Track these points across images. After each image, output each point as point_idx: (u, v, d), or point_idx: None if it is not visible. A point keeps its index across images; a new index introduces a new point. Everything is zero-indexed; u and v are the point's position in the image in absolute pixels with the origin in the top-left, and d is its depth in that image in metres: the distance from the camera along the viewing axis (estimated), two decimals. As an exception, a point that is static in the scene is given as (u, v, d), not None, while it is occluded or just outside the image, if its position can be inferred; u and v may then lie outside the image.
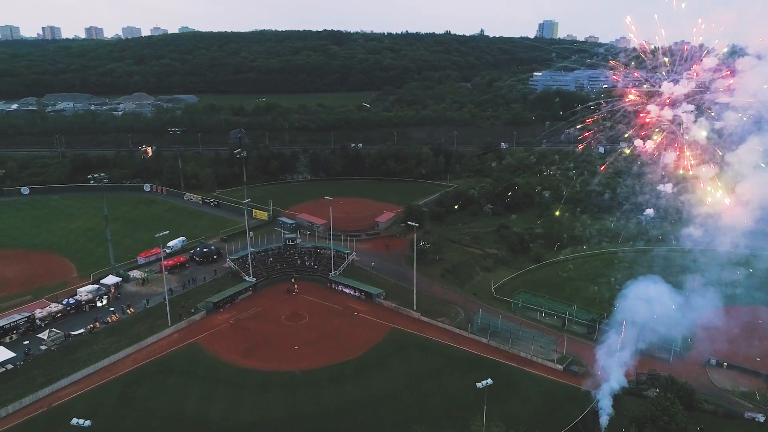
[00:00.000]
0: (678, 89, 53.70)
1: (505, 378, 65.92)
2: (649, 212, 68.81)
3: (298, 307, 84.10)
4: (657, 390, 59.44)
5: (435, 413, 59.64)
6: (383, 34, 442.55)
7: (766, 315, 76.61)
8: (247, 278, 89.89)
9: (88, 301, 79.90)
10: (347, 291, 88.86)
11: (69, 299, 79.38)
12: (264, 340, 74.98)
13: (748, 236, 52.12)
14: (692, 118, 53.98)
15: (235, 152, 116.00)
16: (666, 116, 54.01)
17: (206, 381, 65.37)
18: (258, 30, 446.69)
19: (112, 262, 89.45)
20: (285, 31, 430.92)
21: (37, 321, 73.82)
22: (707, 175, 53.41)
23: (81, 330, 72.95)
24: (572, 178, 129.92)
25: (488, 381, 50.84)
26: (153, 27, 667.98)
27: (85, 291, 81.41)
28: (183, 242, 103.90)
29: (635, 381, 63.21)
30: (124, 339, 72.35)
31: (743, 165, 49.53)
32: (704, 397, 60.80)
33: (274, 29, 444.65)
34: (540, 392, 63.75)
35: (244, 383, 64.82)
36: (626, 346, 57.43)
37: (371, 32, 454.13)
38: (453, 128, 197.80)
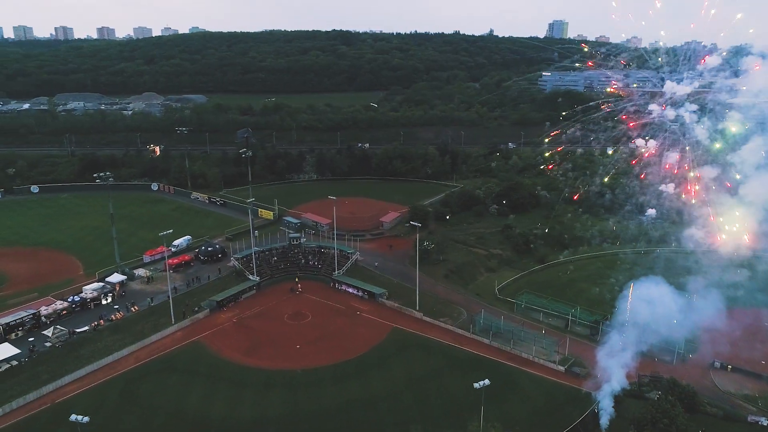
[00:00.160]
0: (681, 89, 53.28)
1: (507, 379, 65.92)
2: (651, 213, 68.17)
3: (301, 307, 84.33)
4: (659, 392, 58.96)
5: (435, 413, 59.60)
6: (392, 34, 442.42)
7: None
8: (251, 277, 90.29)
9: (93, 299, 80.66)
10: (350, 290, 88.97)
11: (74, 297, 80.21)
12: (266, 339, 75.24)
13: (751, 237, 51.53)
14: (695, 118, 53.49)
15: (240, 152, 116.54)
16: (668, 116, 53.62)
17: (208, 379, 65.75)
18: (267, 30, 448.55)
19: (118, 261, 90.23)
20: (294, 31, 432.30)
21: (43, 318, 74.63)
22: (710, 175, 52.85)
23: (85, 327, 73.66)
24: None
25: (485, 381, 50.67)
26: (164, 27, 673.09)
27: (91, 289, 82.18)
28: (188, 241, 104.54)
29: (637, 383, 62.81)
30: (128, 336, 72.91)
31: (746, 165, 49.04)
32: (707, 400, 60.24)
33: (284, 29, 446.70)
34: (541, 393, 63.47)
35: (246, 381, 65.13)
36: (628, 347, 56.97)
37: (380, 32, 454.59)
38: (460, 128, 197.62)
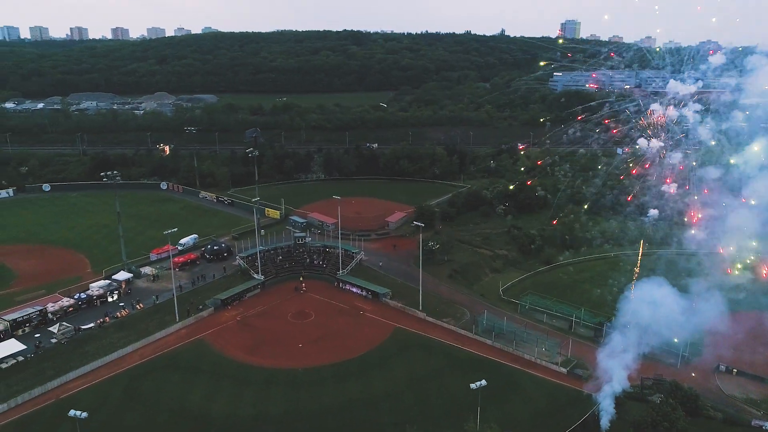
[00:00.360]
0: (684, 88, 52.71)
1: (508, 380, 65.79)
2: (654, 213, 67.59)
3: (305, 306, 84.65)
4: (661, 395, 58.41)
5: (434, 413, 59.59)
6: (403, 35, 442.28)
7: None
8: (256, 276, 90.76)
9: (100, 296, 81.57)
10: (354, 290, 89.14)
11: (80, 294, 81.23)
12: (270, 338, 75.65)
13: (754, 239, 50.88)
14: (698, 118, 52.86)
15: (247, 151, 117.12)
16: (671, 116, 53.04)
17: (211, 376, 66.26)
18: (279, 30, 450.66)
19: (124, 259, 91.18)
20: (305, 32, 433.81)
21: (49, 315, 75.65)
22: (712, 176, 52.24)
23: (91, 324, 74.55)
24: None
25: (482, 382, 50.48)
26: (177, 27, 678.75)
27: (97, 286, 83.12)
28: (195, 240, 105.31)
29: (640, 386, 62.32)
30: (133, 334, 73.69)
31: (749, 166, 48.41)
32: (710, 404, 59.58)
33: (295, 29, 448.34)
34: (542, 395, 63.19)
35: (248, 379, 65.56)
36: (629, 349, 56.51)
37: (391, 32, 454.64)
38: (469, 129, 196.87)
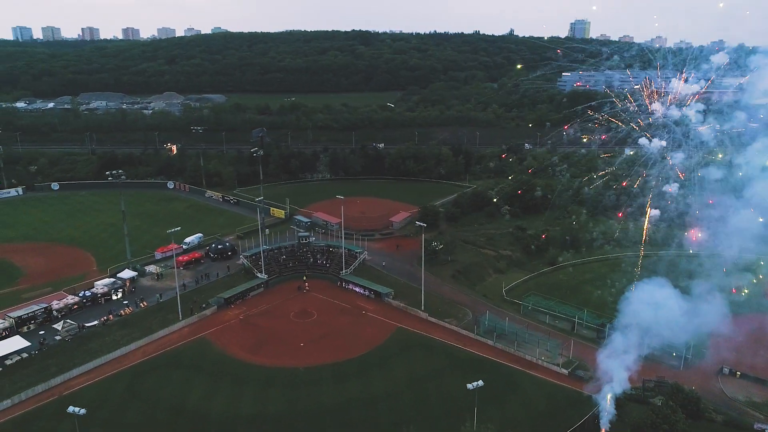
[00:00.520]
0: (686, 88, 52.29)
1: (508, 380, 65.64)
2: (655, 213, 67.14)
3: (308, 305, 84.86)
4: (663, 398, 57.97)
5: (433, 413, 59.54)
6: (411, 34, 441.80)
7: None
8: (259, 275, 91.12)
9: (104, 294, 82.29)
10: (357, 290, 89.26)
11: (85, 292, 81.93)
12: (271, 337, 75.91)
13: (756, 240, 50.39)
14: (701, 118, 52.42)
15: (252, 151, 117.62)
16: (673, 115, 52.64)
17: (211, 375, 66.58)
18: (287, 30, 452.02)
19: (129, 257, 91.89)
20: (313, 32, 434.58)
21: (54, 312, 76.40)
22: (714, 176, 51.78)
23: (95, 322, 75.22)
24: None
25: (479, 382, 50.35)
26: (187, 28, 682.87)
27: (102, 284, 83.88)
28: (200, 239, 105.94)
29: (642, 388, 61.90)
30: (136, 332, 74.24)
31: (752, 167, 47.94)
32: (713, 407, 59.12)
33: (304, 29, 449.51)
34: (542, 396, 62.94)
35: (248, 378, 65.82)
36: (630, 350, 56.11)
37: (399, 32, 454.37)
38: (476, 129, 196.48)
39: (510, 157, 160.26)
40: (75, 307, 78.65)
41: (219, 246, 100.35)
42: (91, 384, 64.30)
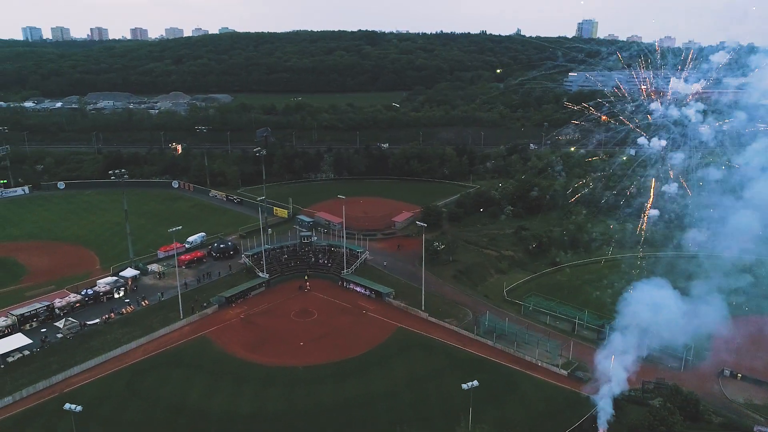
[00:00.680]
0: (685, 88, 51.92)
1: (508, 381, 65.55)
2: (654, 213, 66.64)
3: (308, 304, 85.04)
4: (662, 399, 57.59)
5: (432, 413, 59.55)
6: (417, 34, 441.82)
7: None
8: (261, 274, 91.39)
9: (106, 293, 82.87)
10: (358, 289, 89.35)
11: (87, 290, 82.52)
12: (272, 336, 76.16)
13: (756, 241, 49.98)
14: (700, 118, 52.01)
15: (255, 150, 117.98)
16: (672, 115, 52.27)
17: (211, 374, 66.89)
18: (294, 30, 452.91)
19: (131, 256, 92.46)
20: (319, 32, 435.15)
21: (56, 310, 77.04)
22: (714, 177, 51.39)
23: (96, 320, 75.78)
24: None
25: (474, 383, 50.26)
26: (194, 28, 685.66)
27: (104, 283, 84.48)
28: (203, 238, 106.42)
29: (641, 389, 61.56)
30: (137, 330, 74.71)
31: (751, 167, 47.51)
32: (712, 409, 58.69)
33: (310, 30, 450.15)
34: (541, 397, 62.78)
35: (247, 377, 66.08)
36: (629, 350, 55.84)
37: (406, 32, 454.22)
38: (481, 129, 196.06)
39: (513, 156, 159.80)
40: (77, 305, 79.25)
41: (221, 245, 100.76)
42: (92, 381, 64.78)
